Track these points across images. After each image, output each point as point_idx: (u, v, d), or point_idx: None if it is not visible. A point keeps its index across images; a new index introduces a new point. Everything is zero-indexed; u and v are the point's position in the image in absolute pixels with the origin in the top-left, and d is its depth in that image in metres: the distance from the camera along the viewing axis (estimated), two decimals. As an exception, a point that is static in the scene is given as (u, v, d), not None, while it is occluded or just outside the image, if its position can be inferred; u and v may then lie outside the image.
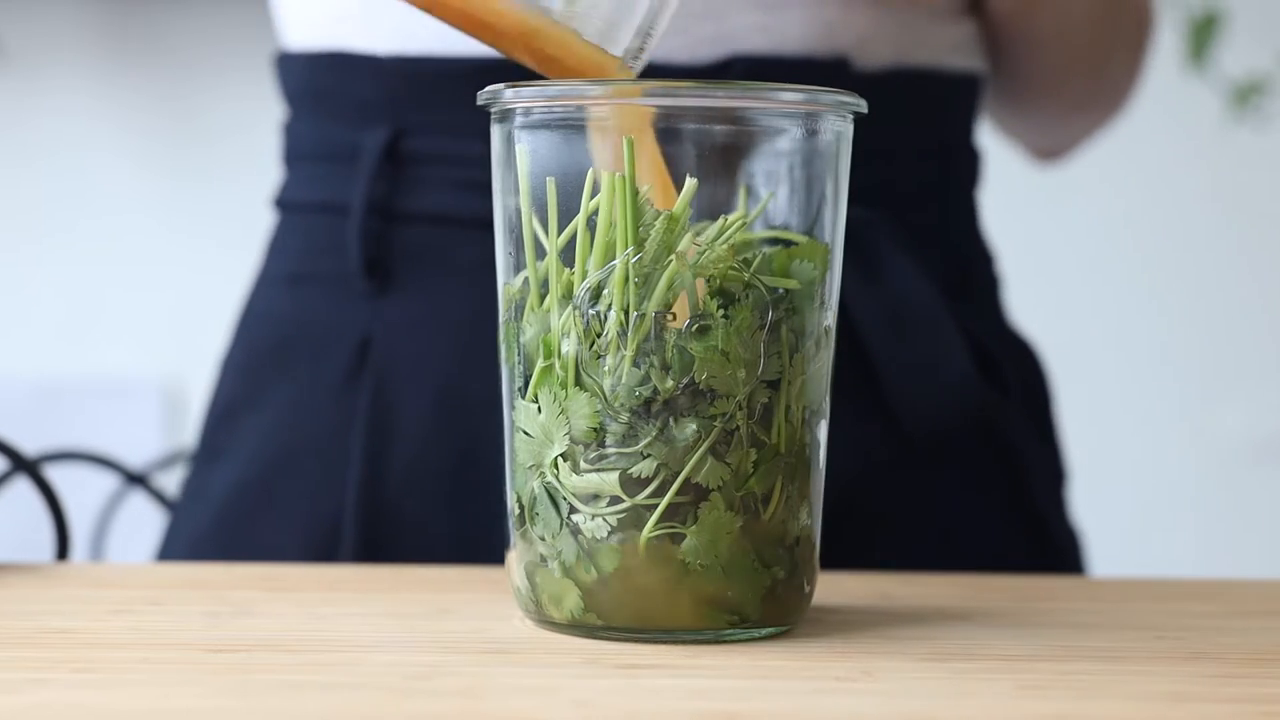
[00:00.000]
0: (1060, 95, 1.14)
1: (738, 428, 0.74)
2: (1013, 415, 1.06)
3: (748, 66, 0.99)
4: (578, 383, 0.74)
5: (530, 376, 0.75)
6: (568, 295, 0.74)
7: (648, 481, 0.74)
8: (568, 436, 0.74)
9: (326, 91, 1.04)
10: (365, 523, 1.00)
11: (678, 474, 0.73)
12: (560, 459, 0.74)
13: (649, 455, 0.73)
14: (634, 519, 0.74)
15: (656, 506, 0.73)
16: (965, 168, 1.09)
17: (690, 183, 0.74)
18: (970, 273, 1.08)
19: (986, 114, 1.18)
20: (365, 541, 1.00)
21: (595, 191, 0.74)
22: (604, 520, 0.74)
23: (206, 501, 1.05)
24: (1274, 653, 0.76)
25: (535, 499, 0.75)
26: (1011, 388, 1.04)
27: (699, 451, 0.73)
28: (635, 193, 0.73)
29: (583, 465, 0.74)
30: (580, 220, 0.74)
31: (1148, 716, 0.65)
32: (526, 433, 0.75)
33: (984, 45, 1.09)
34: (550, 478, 0.75)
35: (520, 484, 0.76)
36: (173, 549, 1.06)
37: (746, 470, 0.74)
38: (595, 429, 0.74)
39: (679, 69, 0.98)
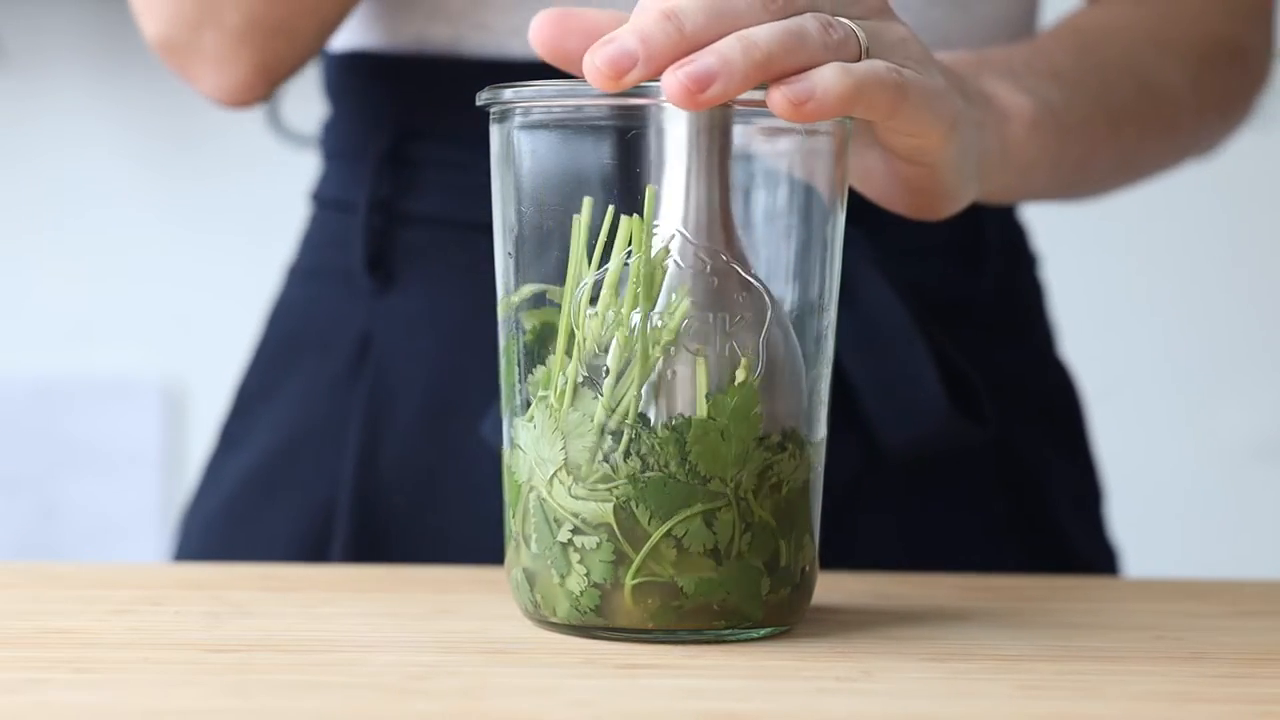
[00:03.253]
0: (1115, 185, 1.04)
1: (738, 428, 0.74)
2: (1034, 437, 1.04)
3: None
4: (574, 400, 0.74)
5: (528, 393, 0.75)
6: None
7: (648, 482, 0.73)
8: (563, 454, 0.74)
9: (350, 91, 1.06)
10: (358, 515, 1.02)
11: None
12: (556, 476, 0.74)
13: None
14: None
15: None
16: None
17: (650, 190, 0.73)
18: (993, 284, 1.05)
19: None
20: (358, 534, 1.02)
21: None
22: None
23: (219, 488, 1.07)
24: (1274, 653, 0.76)
25: (529, 514, 0.75)
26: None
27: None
28: (637, 199, 0.73)
29: (578, 481, 0.74)
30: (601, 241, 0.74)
31: (1148, 716, 0.65)
32: (522, 449, 0.75)
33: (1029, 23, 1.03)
34: (544, 494, 0.74)
35: (515, 499, 0.76)
36: (186, 534, 1.09)
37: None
38: (591, 448, 0.73)
39: None
